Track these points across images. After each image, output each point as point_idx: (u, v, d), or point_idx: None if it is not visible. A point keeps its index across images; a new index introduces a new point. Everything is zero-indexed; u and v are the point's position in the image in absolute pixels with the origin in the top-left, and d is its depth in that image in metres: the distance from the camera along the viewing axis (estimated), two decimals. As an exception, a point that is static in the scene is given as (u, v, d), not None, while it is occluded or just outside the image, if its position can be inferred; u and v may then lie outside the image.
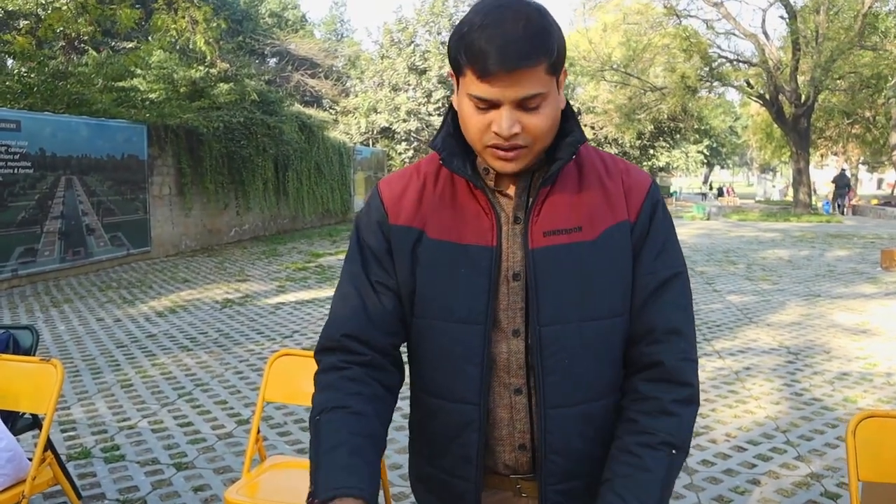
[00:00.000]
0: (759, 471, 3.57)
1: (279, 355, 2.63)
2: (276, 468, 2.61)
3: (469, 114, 1.15)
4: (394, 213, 1.25)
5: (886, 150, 31.06)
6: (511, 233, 1.21)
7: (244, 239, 15.46)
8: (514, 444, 1.24)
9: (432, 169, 1.28)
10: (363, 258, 1.27)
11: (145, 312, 7.61)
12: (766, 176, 51.38)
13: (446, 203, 1.23)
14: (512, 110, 1.10)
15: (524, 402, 1.22)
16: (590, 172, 1.24)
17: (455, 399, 1.23)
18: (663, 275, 1.22)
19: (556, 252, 1.18)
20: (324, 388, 1.23)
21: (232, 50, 20.04)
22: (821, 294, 8.63)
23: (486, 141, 1.14)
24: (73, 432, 4.12)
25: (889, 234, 17.01)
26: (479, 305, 1.19)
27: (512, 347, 1.21)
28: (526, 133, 1.12)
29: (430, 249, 1.22)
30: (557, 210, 1.20)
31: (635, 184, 1.24)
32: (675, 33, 25.61)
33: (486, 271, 1.19)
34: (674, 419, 1.18)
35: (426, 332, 1.25)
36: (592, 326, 1.19)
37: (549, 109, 1.13)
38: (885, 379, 5.13)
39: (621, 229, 1.21)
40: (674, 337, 1.20)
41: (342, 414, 1.17)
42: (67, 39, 15.18)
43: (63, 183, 10.26)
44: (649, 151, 38.29)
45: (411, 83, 29.47)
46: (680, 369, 1.19)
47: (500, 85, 1.08)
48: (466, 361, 1.21)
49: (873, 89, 25.61)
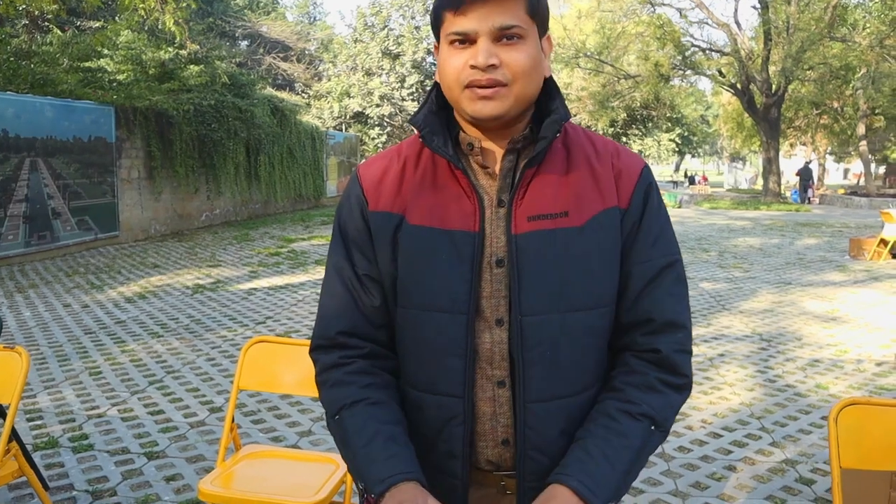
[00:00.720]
0: (736, 457, 3.59)
1: (254, 342, 2.56)
2: (251, 457, 2.54)
3: (446, 58, 1.11)
4: (373, 198, 1.20)
5: (854, 140, 31.64)
6: (495, 216, 1.15)
7: (215, 224, 15.24)
8: (497, 440, 1.19)
9: (413, 151, 1.22)
10: (347, 249, 1.22)
11: (114, 298, 7.46)
12: (736, 165, 51.99)
13: (427, 186, 1.18)
14: (489, 43, 1.07)
15: (507, 396, 1.17)
16: (578, 154, 1.19)
17: (438, 392, 1.18)
18: (659, 263, 1.18)
19: (539, 238, 1.13)
20: (333, 385, 1.20)
21: (202, 31, 19.66)
22: (791, 282, 8.74)
23: (464, 80, 1.09)
24: (40, 421, 4.01)
25: (856, 223, 17.31)
26: (461, 294, 1.14)
27: (495, 338, 1.16)
28: (505, 68, 1.07)
29: (411, 236, 1.17)
30: (543, 193, 1.15)
31: (626, 167, 1.19)
32: (648, 21, 25.71)
33: (468, 258, 1.14)
34: (660, 396, 1.15)
35: (408, 322, 1.19)
36: (576, 317, 1.14)
37: (529, 49, 1.09)
38: (856, 366, 5.20)
39: (610, 216, 1.16)
40: (671, 328, 1.17)
41: (363, 406, 1.15)
42: (31, 17, 14.75)
43: (27, 165, 9.99)
44: (622, 139, 38.53)
45: (385, 68, 29.25)
46: (676, 360, 1.17)
47: (475, 14, 1.06)
48: (449, 353, 1.16)
49: (842, 80, 26.03)
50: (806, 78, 25.78)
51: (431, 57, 29.92)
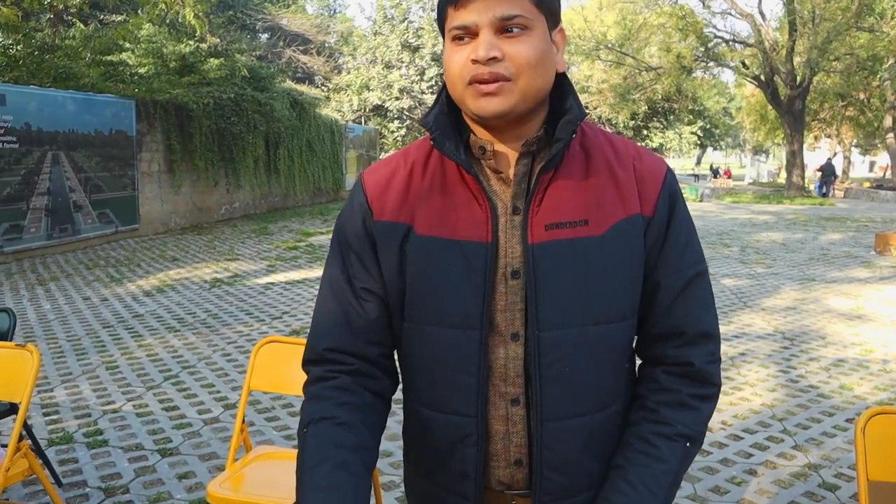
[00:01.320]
0: (756, 460, 3.51)
1: (265, 342, 2.53)
2: (261, 459, 2.52)
3: (450, 54, 1.05)
4: (378, 207, 1.13)
5: (880, 132, 31.08)
6: (509, 225, 1.09)
7: (234, 217, 15.31)
8: (510, 460, 1.13)
9: (421, 155, 1.15)
10: (345, 262, 1.16)
11: (132, 291, 7.49)
12: (759, 158, 51.35)
13: (436, 193, 1.11)
14: (491, 35, 1.01)
15: (522, 414, 1.11)
16: (598, 158, 1.12)
17: (449, 411, 1.12)
18: (689, 273, 1.13)
19: (558, 248, 1.06)
20: (311, 398, 1.15)
21: (222, 24, 19.69)
22: (815, 278, 8.58)
23: (466, 76, 1.02)
24: (56, 416, 4.02)
25: (882, 218, 17.00)
26: (474, 308, 1.08)
27: (510, 353, 1.10)
28: (508, 61, 1.01)
29: (419, 246, 1.10)
30: (561, 200, 1.08)
31: (649, 172, 1.12)
32: (670, 12, 25.39)
33: (481, 270, 1.07)
34: (693, 412, 1.12)
35: (417, 338, 1.13)
36: (597, 331, 1.09)
37: (535, 41, 1.02)
38: (882, 366, 5.08)
39: (633, 224, 1.09)
40: (704, 340, 1.14)
41: (329, 425, 1.09)
42: (55, 11, 14.87)
43: (50, 158, 10.08)
44: (643, 132, 38.18)
45: (404, 60, 29.17)
46: (708, 371, 1.14)
47: (475, 6, 1.01)
48: (461, 370, 1.10)
49: (869, 71, 25.53)
50: (832, 69, 25.33)
51: (451, 49, 29.76)
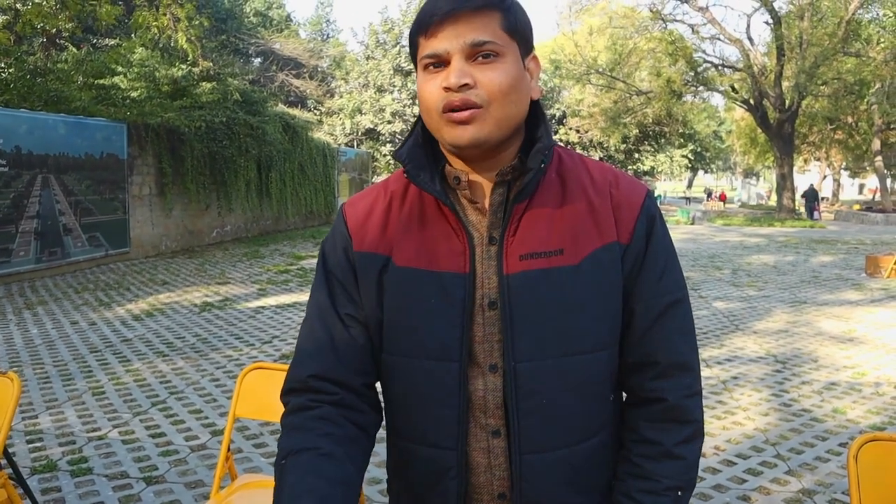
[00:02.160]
0: (750, 486, 3.47)
1: (251, 369, 2.49)
2: (246, 488, 2.47)
3: (423, 84, 1.04)
4: (358, 238, 1.13)
5: (869, 155, 31.38)
6: (486, 255, 1.07)
7: (226, 240, 15.26)
8: (493, 493, 1.11)
9: (400, 186, 1.15)
10: (329, 288, 1.14)
11: (121, 316, 7.43)
12: (749, 181, 51.67)
13: (414, 225, 1.10)
14: (463, 62, 1.00)
15: (503, 446, 1.09)
16: (574, 185, 1.10)
17: (429, 444, 1.10)
18: (666, 300, 1.10)
19: (533, 278, 1.05)
20: (290, 429, 1.10)
21: (215, 49, 19.81)
22: (806, 301, 8.59)
23: (439, 104, 1.01)
24: (40, 443, 3.95)
25: (872, 240, 17.09)
26: (452, 340, 1.06)
27: (489, 385, 1.08)
28: (480, 88, 0.99)
29: (398, 278, 1.09)
30: (536, 229, 1.06)
31: (626, 199, 1.09)
32: (660, 37, 25.69)
33: (459, 301, 1.06)
34: (680, 462, 1.09)
35: (395, 370, 1.11)
36: (574, 362, 1.06)
37: (507, 67, 1.01)
38: (874, 389, 5.06)
39: (610, 252, 1.07)
40: (679, 372, 1.10)
41: (310, 456, 1.03)
42: (47, 35, 14.93)
43: (39, 181, 10.04)
44: (634, 155, 38.40)
45: (396, 84, 29.36)
46: (685, 407, 1.10)
47: (446, 34, 1.00)
48: (440, 403, 1.08)
49: (856, 95, 25.84)
50: (820, 93, 25.62)
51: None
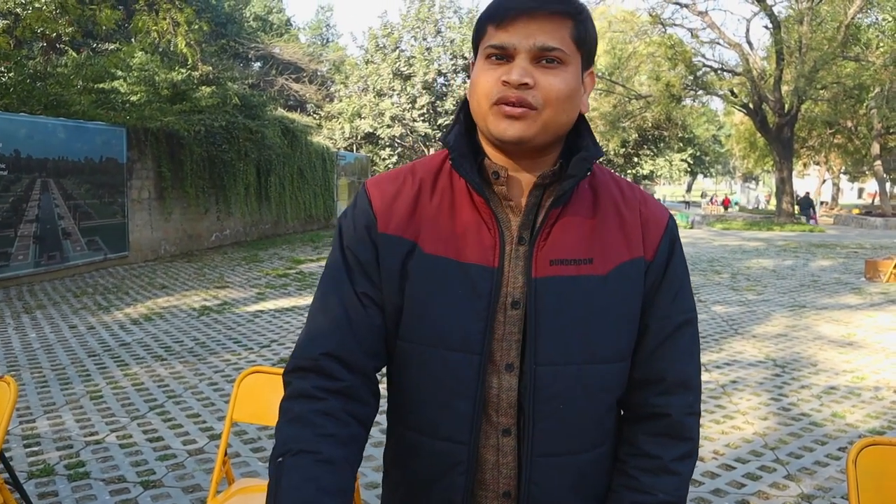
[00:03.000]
0: (749, 491, 3.46)
1: (248, 373, 2.49)
2: (243, 493, 2.46)
3: (480, 71, 1.04)
4: (384, 219, 1.10)
5: (868, 159, 31.39)
6: (514, 254, 1.08)
7: (225, 244, 15.25)
8: (499, 491, 1.11)
9: (430, 173, 1.14)
10: (347, 266, 1.11)
11: (120, 320, 7.42)
12: (749, 185, 51.69)
13: (444, 213, 1.10)
14: (527, 62, 1.01)
15: (512, 445, 1.10)
16: (606, 199, 1.13)
17: (440, 437, 1.10)
18: (677, 320, 1.13)
19: (561, 284, 1.07)
20: (292, 420, 1.04)
21: (215, 53, 19.83)
22: (806, 305, 8.59)
23: (493, 95, 1.02)
24: (37, 447, 3.94)
25: (871, 244, 17.09)
26: (475, 334, 1.07)
27: (503, 384, 1.09)
28: (538, 90, 1.01)
29: (424, 265, 1.08)
30: (568, 236, 1.08)
31: (653, 217, 1.13)
32: (659, 42, 25.72)
33: (485, 295, 1.06)
34: (674, 478, 1.11)
35: (412, 359, 1.11)
36: (596, 370, 1.08)
37: (568, 76, 1.03)
38: (874, 393, 5.05)
39: (636, 266, 1.10)
40: (683, 390, 1.13)
41: (310, 461, 0.99)
42: (47, 40, 14.95)
43: (39, 185, 10.03)
44: (633, 159, 38.44)
45: (396, 89, 29.39)
46: (684, 425, 1.13)
47: (518, 30, 1.00)
48: (457, 395, 1.08)
49: (855, 99, 25.88)
50: (819, 97, 25.66)
51: (442, 78, 30.03)
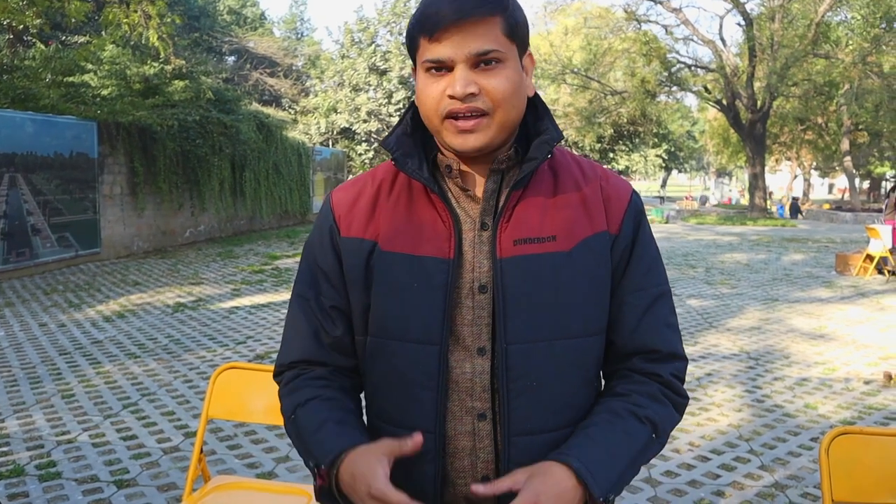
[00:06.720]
0: (724, 481, 3.50)
1: (224, 368, 2.45)
2: (219, 490, 2.43)
3: (424, 86, 1.05)
4: (345, 224, 1.16)
5: (838, 155, 31.89)
6: (477, 240, 1.10)
7: (199, 240, 15.08)
8: (478, 476, 1.12)
9: (388, 175, 1.18)
10: (313, 279, 1.19)
11: (92, 317, 7.31)
12: (722, 180, 52.28)
13: (401, 211, 1.13)
14: (467, 70, 1.02)
15: (489, 429, 1.11)
16: (566, 177, 1.15)
17: (408, 426, 1.10)
18: (654, 292, 1.16)
19: (526, 262, 1.08)
20: (290, 391, 1.19)
21: (188, 46, 19.59)
22: (779, 298, 8.70)
23: (442, 110, 1.03)
24: (6, 448, 3.86)
25: (842, 238, 17.38)
26: (434, 324, 1.09)
27: (476, 367, 1.10)
28: (485, 95, 1.02)
29: (384, 263, 1.12)
30: (529, 216, 1.10)
31: (615, 192, 1.16)
32: (634, 38, 25.90)
33: (441, 286, 1.09)
34: (664, 407, 1.13)
35: (378, 353, 1.14)
36: (565, 345, 1.09)
37: (510, 73, 1.04)
38: (844, 384, 5.14)
39: (600, 240, 1.12)
40: (676, 359, 1.17)
41: (316, 402, 1.14)
42: (14, 32, 14.65)
43: (7, 181, 9.83)
44: (609, 155, 38.67)
45: (372, 83, 29.25)
46: (676, 384, 1.16)
47: (451, 41, 1.01)
48: (420, 385, 1.10)
49: (826, 96, 26.29)
50: (790, 94, 26.01)
51: (419, 73, 29.90)
